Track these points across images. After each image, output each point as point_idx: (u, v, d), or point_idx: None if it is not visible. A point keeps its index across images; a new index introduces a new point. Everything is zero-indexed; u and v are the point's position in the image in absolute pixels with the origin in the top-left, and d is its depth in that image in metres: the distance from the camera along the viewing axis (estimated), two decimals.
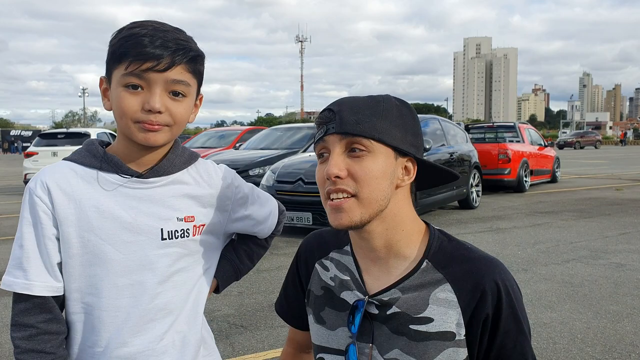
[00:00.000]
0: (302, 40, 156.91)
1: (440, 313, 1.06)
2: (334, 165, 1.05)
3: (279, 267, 5.82)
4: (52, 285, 1.11)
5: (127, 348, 1.14)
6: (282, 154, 9.90)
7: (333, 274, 1.19)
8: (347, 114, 1.06)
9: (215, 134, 15.02)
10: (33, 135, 73.00)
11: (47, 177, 1.13)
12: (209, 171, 1.27)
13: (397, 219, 1.10)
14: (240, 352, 3.63)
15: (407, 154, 1.09)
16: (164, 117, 1.10)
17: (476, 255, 1.11)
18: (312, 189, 7.48)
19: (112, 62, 1.10)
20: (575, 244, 6.87)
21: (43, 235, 1.10)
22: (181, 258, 1.19)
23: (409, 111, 1.12)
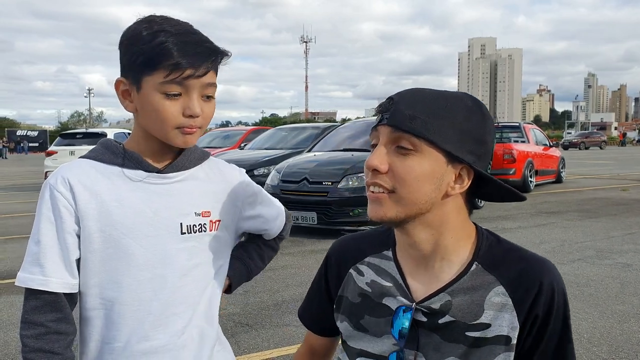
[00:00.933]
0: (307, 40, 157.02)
1: (496, 317, 1.02)
2: (375, 157, 1.02)
3: (284, 267, 5.82)
4: (68, 282, 1.11)
5: (149, 342, 1.15)
6: (286, 153, 9.91)
7: (370, 279, 1.14)
8: (403, 107, 1.00)
9: (220, 134, 15.06)
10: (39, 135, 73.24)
11: (68, 173, 1.13)
12: (220, 168, 1.30)
13: (445, 227, 1.05)
14: (245, 351, 3.63)
15: (462, 161, 1.01)
16: (199, 120, 1.13)
17: (528, 255, 1.08)
18: (316, 189, 7.49)
19: (144, 69, 1.09)
20: (581, 244, 6.84)
21: (63, 230, 1.10)
22: (199, 253, 1.20)
23: (480, 116, 1.03)
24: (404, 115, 0.99)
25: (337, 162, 7.92)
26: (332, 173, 7.57)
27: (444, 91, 1.04)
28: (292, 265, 5.91)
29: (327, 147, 8.95)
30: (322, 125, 12.51)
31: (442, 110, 1.00)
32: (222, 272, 1.28)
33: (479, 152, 1.02)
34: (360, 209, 7.26)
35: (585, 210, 9.50)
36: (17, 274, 1.11)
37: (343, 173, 7.47)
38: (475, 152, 1.01)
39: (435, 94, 1.03)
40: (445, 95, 1.02)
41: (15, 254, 6.66)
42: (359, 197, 7.29)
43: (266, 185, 7.99)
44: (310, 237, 7.40)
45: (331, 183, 7.42)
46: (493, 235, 1.11)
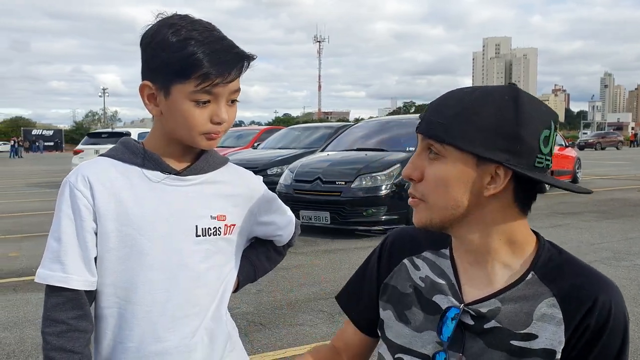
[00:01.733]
0: (320, 40, 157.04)
1: (544, 330, 0.99)
2: (409, 165, 1.03)
3: (297, 266, 5.82)
4: (88, 280, 1.12)
5: (161, 343, 1.15)
6: (299, 153, 9.92)
7: (424, 274, 1.12)
8: (431, 112, 1.00)
9: (233, 133, 15.10)
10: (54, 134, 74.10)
11: (87, 172, 1.14)
12: (239, 173, 1.31)
13: (491, 228, 1.02)
14: (259, 350, 3.63)
15: (493, 161, 0.96)
16: (224, 125, 1.15)
17: (590, 272, 1.03)
18: (330, 188, 7.48)
19: (176, 77, 1.10)
20: (597, 245, 6.77)
21: (82, 228, 1.11)
22: (212, 256, 1.21)
23: (513, 111, 0.96)
24: (429, 122, 0.99)
25: (350, 161, 7.90)
26: (345, 173, 7.55)
27: (478, 87, 1.01)
28: (305, 265, 5.90)
29: (340, 147, 8.94)
30: (335, 125, 12.51)
31: (466, 110, 0.96)
32: (232, 274, 1.29)
33: (513, 148, 0.96)
34: (373, 209, 7.24)
35: (601, 211, 9.39)
36: (36, 271, 1.12)
37: (356, 173, 7.45)
38: (509, 149, 0.96)
39: (466, 92, 1.00)
40: (475, 92, 0.99)
41: (30, 252, 6.72)
42: (372, 197, 7.28)
43: (279, 185, 8.00)
44: (324, 236, 7.39)
45: (344, 183, 7.41)
46: (555, 248, 1.07)
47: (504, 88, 0.99)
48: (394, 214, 7.32)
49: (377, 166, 7.54)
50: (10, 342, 3.90)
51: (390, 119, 10.54)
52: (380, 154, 8.02)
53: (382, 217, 7.28)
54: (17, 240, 7.67)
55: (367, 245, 6.88)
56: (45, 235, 1.15)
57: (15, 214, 10.20)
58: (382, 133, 9.14)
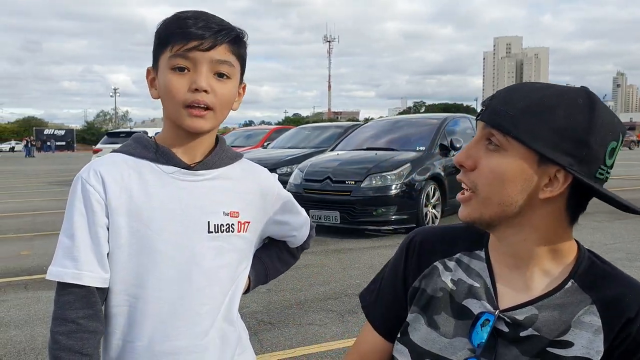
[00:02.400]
0: (330, 40, 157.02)
1: (581, 337, 0.95)
2: (462, 152, 0.99)
3: (307, 265, 5.81)
4: (101, 276, 1.10)
5: (172, 342, 1.13)
6: (309, 152, 9.92)
7: (457, 277, 1.07)
8: (498, 102, 0.96)
9: (243, 133, 15.15)
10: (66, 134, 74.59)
11: (99, 167, 1.13)
12: (253, 170, 1.28)
13: (538, 233, 0.98)
14: (268, 349, 3.63)
15: (556, 162, 0.91)
16: (210, 97, 1.11)
17: (633, 282, 0.99)
18: (339, 188, 7.46)
19: (159, 48, 1.12)
20: (610, 246, 6.71)
21: (95, 223, 1.09)
22: (225, 253, 1.18)
23: (587, 115, 0.92)
24: (496, 111, 0.95)
25: (360, 161, 7.88)
26: (355, 172, 7.54)
27: (551, 85, 0.96)
28: (315, 264, 5.89)
29: (350, 146, 8.92)
30: (345, 124, 12.49)
31: (537, 106, 0.92)
32: (245, 273, 1.26)
33: (579, 154, 0.91)
34: (383, 209, 7.22)
35: (613, 212, 9.25)
36: (48, 269, 1.10)
37: (366, 172, 7.43)
38: (574, 154, 0.91)
39: (538, 88, 0.95)
40: (548, 90, 0.94)
41: (41, 251, 6.77)
42: (382, 197, 7.26)
43: (289, 184, 8.00)
44: (334, 236, 7.38)
45: (354, 182, 7.39)
46: (595, 256, 1.04)
47: (579, 90, 0.95)
48: (404, 214, 7.30)
49: (387, 166, 7.52)
50: (21, 339, 3.92)
51: (400, 118, 10.50)
52: (390, 154, 7.99)
53: (392, 216, 7.26)
54: (29, 239, 7.73)
55: (377, 244, 6.86)
56: (57, 234, 1.13)
57: (27, 213, 10.28)
58: (392, 132, 9.12)
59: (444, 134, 8.35)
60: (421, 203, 7.44)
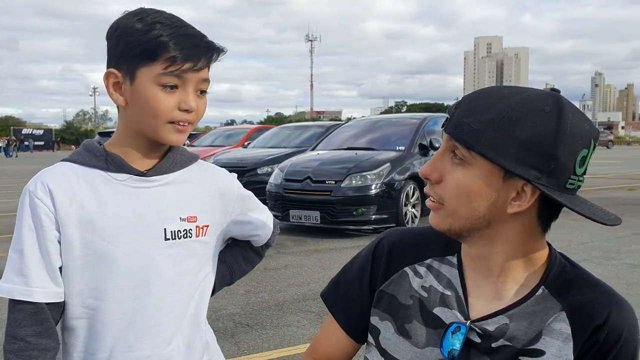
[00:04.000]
0: (312, 39, 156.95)
1: (552, 345, 0.94)
2: (427, 164, 0.97)
3: (286, 266, 5.78)
4: (53, 291, 1.07)
5: (133, 353, 1.11)
6: (290, 152, 9.88)
7: (428, 283, 1.05)
8: (461, 112, 0.92)
9: (224, 132, 15.05)
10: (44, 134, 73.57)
11: (47, 178, 1.09)
12: (210, 171, 1.25)
13: (511, 245, 0.96)
14: (245, 352, 3.59)
15: (522, 177, 0.88)
16: (192, 115, 1.10)
17: (602, 288, 0.98)
18: (320, 188, 7.45)
19: (141, 60, 1.06)
20: (587, 244, 6.78)
21: (44, 238, 1.06)
22: (185, 260, 1.16)
23: (554, 125, 0.87)
24: (458, 123, 0.91)
25: (340, 161, 7.87)
26: (335, 172, 7.53)
27: (518, 92, 0.91)
28: (294, 265, 5.86)
29: (330, 146, 8.91)
30: (325, 124, 12.48)
31: (501, 119, 0.87)
32: (209, 278, 1.23)
33: (546, 167, 0.87)
34: (363, 208, 7.22)
35: None
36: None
37: (346, 172, 7.43)
38: (541, 167, 0.87)
39: (504, 96, 0.90)
40: (514, 98, 0.89)
41: None
42: (363, 196, 7.26)
43: (269, 184, 7.96)
44: (314, 236, 7.36)
45: (335, 182, 7.38)
46: (566, 260, 1.02)
47: (548, 97, 0.90)
48: (384, 213, 7.31)
49: (367, 165, 7.52)
50: None
51: (380, 118, 10.52)
52: (370, 153, 8.00)
53: (372, 216, 7.26)
54: (6, 241, 7.59)
55: (357, 244, 6.85)
56: None
57: (4, 214, 10.10)
58: (372, 132, 9.12)
59: (423, 134, 8.37)
60: (401, 202, 7.46)
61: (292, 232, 7.67)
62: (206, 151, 12.39)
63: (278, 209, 7.61)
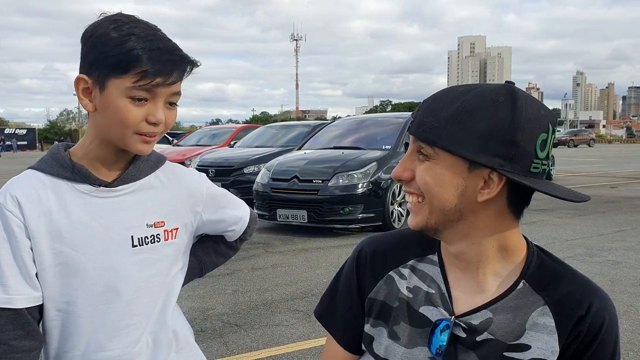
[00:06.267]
0: (297, 38, 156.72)
1: (537, 339, 0.96)
2: (398, 166, 1.01)
3: (274, 265, 5.78)
4: (32, 296, 1.10)
5: (105, 352, 1.15)
6: (276, 151, 9.86)
7: (412, 284, 1.07)
8: (423, 113, 0.97)
9: (209, 131, 14.97)
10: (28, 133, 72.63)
11: (15, 190, 1.10)
12: (177, 173, 1.26)
13: (486, 235, 0.99)
14: (234, 351, 3.59)
15: (486, 166, 0.92)
16: (161, 127, 1.11)
17: (580, 279, 1.01)
18: (307, 187, 7.45)
19: (113, 71, 1.06)
20: (571, 241, 6.86)
21: (19, 248, 1.08)
22: (154, 264, 1.18)
23: (509, 113, 0.91)
24: (421, 123, 0.96)
25: (327, 160, 7.88)
26: (322, 171, 7.53)
27: (473, 87, 0.95)
28: (282, 264, 5.86)
29: (317, 145, 8.91)
30: (312, 123, 12.48)
31: (459, 113, 0.92)
32: (179, 277, 1.26)
33: (507, 153, 0.91)
34: (350, 207, 7.24)
35: (575, 208, 9.51)
36: None
37: (333, 171, 7.44)
38: (502, 154, 0.91)
39: (460, 92, 0.95)
40: (469, 93, 0.94)
41: None
42: (350, 195, 7.27)
43: (256, 184, 7.95)
44: (301, 235, 7.36)
45: (321, 181, 7.39)
46: (545, 253, 1.05)
47: (500, 88, 0.94)
48: (371, 212, 7.33)
49: (354, 164, 7.54)
50: None
51: (367, 117, 10.53)
52: (357, 152, 8.01)
53: (359, 215, 7.28)
54: None
55: (345, 243, 6.87)
56: None
57: None
58: (358, 131, 9.14)
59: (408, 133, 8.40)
60: (387, 201, 7.49)
61: (279, 231, 7.67)
62: (192, 151, 12.33)
63: (265, 208, 7.61)
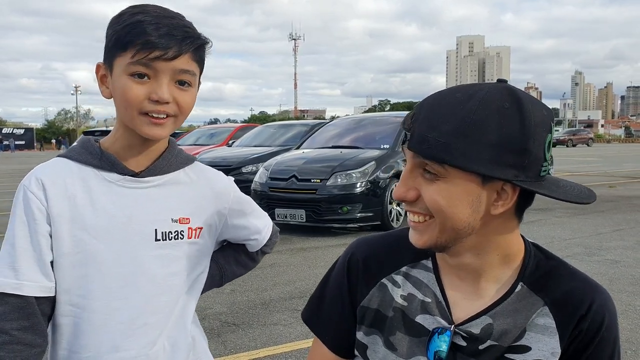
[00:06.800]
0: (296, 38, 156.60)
1: (537, 341, 0.95)
2: (400, 186, 0.93)
3: (272, 265, 5.76)
4: (44, 285, 1.06)
5: (119, 353, 1.09)
6: (275, 151, 9.85)
7: (407, 292, 1.03)
8: (422, 126, 0.88)
9: (207, 131, 14.96)
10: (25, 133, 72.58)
11: (41, 174, 1.09)
12: (206, 174, 1.24)
13: (491, 246, 0.95)
14: (232, 351, 3.58)
15: (500, 179, 0.87)
16: (171, 107, 1.07)
17: (579, 276, 0.99)
18: (305, 186, 7.44)
19: (116, 49, 1.05)
20: (570, 241, 6.86)
21: (36, 231, 1.06)
22: (175, 261, 1.15)
23: (518, 120, 0.86)
24: (423, 139, 0.87)
25: (325, 159, 7.87)
26: (320, 170, 7.52)
27: (470, 93, 0.88)
28: (280, 264, 5.85)
29: (315, 145, 8.91)
30: (310, 123, 12.47)
31: (465, 125, 0.85)
32: (200, 280, 1.22)
33: (521, 163, 0.86)
34: (349, 207, 7.23)
35: (573, 207, 9.51)
36: None
37: (331, 170, 7.43)
38: (517, 164, 0.86)
39: (459, 100, 0.87)
40: (467, 105, 0.86)
41: None
42: (348, 195, 7.26)
43: (254, 183, 7.94)
44: (299, 235, 7.35)
45: (320, 180, 7.38)
46: (541, 252, 1.02)
47: (500, 91, 0.88)
48: (369, 211, 7.33)
49: (352, 164, 7.53)
50: None
51: (365, 116, 10.53)
52: (355, 152, 8.01)
53: (358, 214, 7.28)
54: None
55: (343, 242, 6.86)
56: None
57: None
58: (356, 130, 9.13)
59: None
60: (386, 200, 7.48)
61: None
62: (190, 150, 12.24)
63: (263, 207, 7.43)
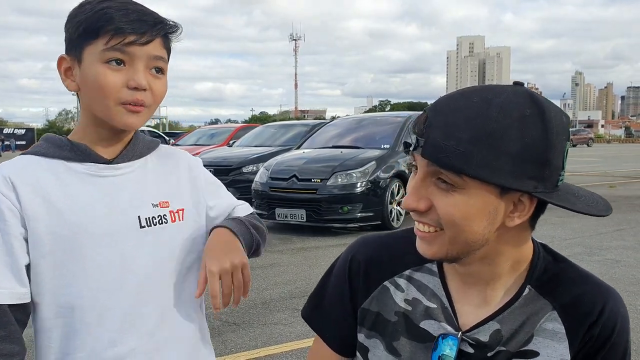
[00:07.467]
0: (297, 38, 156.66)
1: (546, 346, 0.92)
2: (411, 195, 0.88)
3: (272, 264, 5.76)
4: (17, 292, 0.99)
5: (117, 348, 1.05)
6: (275, 151, 9.86)
7: (411, 296, 1.00)
8: (438, 134, 0.82)
9: (208, 131, 14.97)
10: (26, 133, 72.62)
11: (9, 172, 1.02)
12: (176, 155, 1.22)
13: (505, 255, 0.92)
14: (233, 350, 3.58)
15: (519, 190, 0.83)
16: (147, 95, 1.05)
17: (590, 279, 0.96)
18: (305, 186, 7.44)
19: (85, 38, 1.03)
20: (570, 240, 6.86)
21: (8, 234, 0.99)
22: (163, 246, 1.11)
23: (540, 128, 0.81)
24: (440, 147, 0.82)
25: (325, 159, 7.87)
26: (321, 170, 7.53)
27: (488, 98, 0.83)
28: (280, 263, 5.85)
29: (315, 145, 8.91)
30: (310, 123, 12.48)
31: (485, 134, 0.80)
32: (195, 266, 1.16)
33: (542, 174, 0.82)
34: (349, 206, 7.23)
35: None
36: None
37: (332, 170, 7.43)
38: (537, 176, 0.82)
39: (477, 106, 0.82)
40: (487, 113, 0.81)
41: None
42: (348, 195, 7.27)
43: (255, 183, 7.94)
44: (300, 234, 7.36)
45: (320, 180, 7.38)
46: (550, 254, 0.98)
47: (522, 96, 0.83)
48: (370, 211, 7.34)
49: (353, 164, 7.53)
50: None
51: (365, 116, 10.53)
52: (356, 152, 8.01)
53: (358, 214, 7.28)
54: None
55: (343, 242, 6.86)
56: None
57: None
58: (357, 131, 9.13)
59: (407, 132, 8.40)
60: (386, 200, 7.48)
61: (278, 230, 7.65)
62: (190, 150, 12.23)
63: (264, 207, 7.60)
